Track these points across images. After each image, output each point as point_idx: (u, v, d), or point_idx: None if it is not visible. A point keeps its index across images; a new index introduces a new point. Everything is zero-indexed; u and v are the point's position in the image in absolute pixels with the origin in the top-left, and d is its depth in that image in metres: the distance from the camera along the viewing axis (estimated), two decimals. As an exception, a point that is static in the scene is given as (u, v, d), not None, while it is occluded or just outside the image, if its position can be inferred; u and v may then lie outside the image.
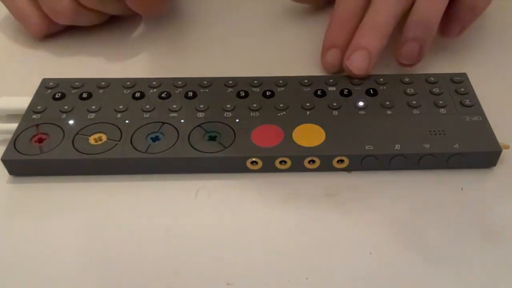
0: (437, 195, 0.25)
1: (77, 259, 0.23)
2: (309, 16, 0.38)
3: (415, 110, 0.27)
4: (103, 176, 0.26)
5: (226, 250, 0.23)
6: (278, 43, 0.35)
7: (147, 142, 0.26)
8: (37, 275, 0.22)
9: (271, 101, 0.28)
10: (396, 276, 0.22)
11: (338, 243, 0.23)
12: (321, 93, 0.29)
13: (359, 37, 0.30)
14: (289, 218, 0.24)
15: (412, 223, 0.24)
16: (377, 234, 0.23)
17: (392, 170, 0.26)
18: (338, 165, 0.26)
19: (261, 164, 0.26)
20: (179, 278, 0.22)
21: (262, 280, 0.22)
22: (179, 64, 0.34)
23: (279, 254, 0.23)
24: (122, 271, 0.22)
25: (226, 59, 0.34)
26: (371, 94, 0.28)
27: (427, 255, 0.22)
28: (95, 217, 0.24)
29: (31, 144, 0.26)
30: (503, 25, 0.36)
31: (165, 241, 0.23)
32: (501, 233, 0.23)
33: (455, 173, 0.26)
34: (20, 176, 0.26)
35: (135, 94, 0.29)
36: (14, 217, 0.24)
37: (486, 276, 0.22)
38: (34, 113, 0.28)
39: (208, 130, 0.26)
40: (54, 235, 0.24)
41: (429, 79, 0.29)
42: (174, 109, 0.28)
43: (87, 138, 0.26)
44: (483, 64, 0.33)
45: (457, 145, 0.25)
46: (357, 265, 0.22)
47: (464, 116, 0.27)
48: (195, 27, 0.37)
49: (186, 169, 0.26)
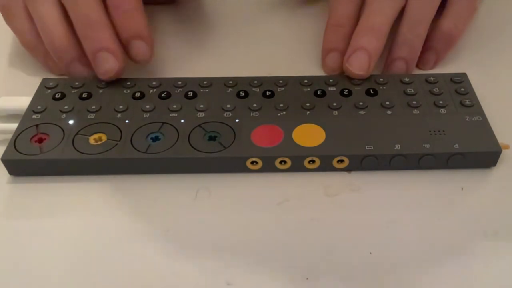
0: (437, 195, 0.25)
1: (76, 259, 0.23)
2: (309, 16, 0.38)
3: (415, 110, 0.27)
4: (103, 176, 0.26)
5: (226, 250, 0.23)
6: (278, 43, 0.35)
7: (147, 142, 0.26)
8: (37, 275, 0.22)
9: (271, 101, 0.28)
10: (396, 276, 0.22)
11: (338, 243, 0.23)
12: (321, 93, 0.29)
13: (358, 38, 0.30)
14: (289, 218, 0.24)
15: (412, 223, 0.24)
16: (377, 234, 0.23)
17: (392, 170, 0.26)
18: (338, 165, 0.26)
19: (261, 164, 0.26)
20: (180, 278, 0.22)
21: (262, 280, 0.22)
22: (179, 64, 0.34)
23: (279, 254, 0.23)
24: (122, 271, 0.22)
25: (226, 59, 0.34)
26: (371, 94, 0.28)
27: (427, 255, 0.22)
28: (95, 217, 0.24)
29: (31, 144, 0.26)
30: (503, 25, 0.36)
31: (165, 241, 0.23)
32: (501, 233, 0.23)
33: (455, 173, 0.26)
34: (20, 176, 0.26)
35: (135, 94, 0.29)
36: (14, 217, 0.24)
37: (487, 275, 0.22)
38: (34, 113, 0.28)
39: (208, 130, 0.26)
40: (54, 235, 0.24)
41: (429, 79, 0.29)
42: (174, 109, 0.28)
43: (87, 138, 0.26)
44: (483, 64, 0.33)
45: (457, 145, 0.25)
46: (357, 265, 0.22)
47: (464, 116, 0.27)
48: (195, 27, 0.37)
49: (186, 169, 0.26)
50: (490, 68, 0.33)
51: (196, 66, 0.33)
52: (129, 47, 0.29)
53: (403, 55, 0.31)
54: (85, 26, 0.29)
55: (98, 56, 0.28)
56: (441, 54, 0.32)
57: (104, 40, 0.28)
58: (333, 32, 0.32)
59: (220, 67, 0.33)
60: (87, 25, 0.28)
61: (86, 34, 0.29)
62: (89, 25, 0.28)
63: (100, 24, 0.28)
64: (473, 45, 0.34)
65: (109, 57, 0.28)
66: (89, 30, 0.28)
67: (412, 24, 0.30)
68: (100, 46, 0.28)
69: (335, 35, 0.31)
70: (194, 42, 0.36)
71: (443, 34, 0.31)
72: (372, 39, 0.29)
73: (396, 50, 0.31)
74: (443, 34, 0.31)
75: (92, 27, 0.28)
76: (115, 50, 0.28)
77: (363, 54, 0.29)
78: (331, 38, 0.32)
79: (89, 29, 0.28)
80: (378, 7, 0.30)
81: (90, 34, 0.28)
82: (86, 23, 0.28)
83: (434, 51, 0.32)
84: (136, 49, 0.29)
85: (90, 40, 0.28)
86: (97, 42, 0.28)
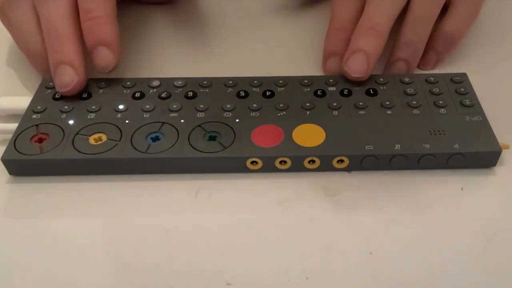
0: (437, 195, 0.25)
1: (76, 259, 0.23)
2: (310, 16, 0.38)
3: (415, 110, 0.27)
4: (103, 176, 0.26)
5: (226, 250, 0.23)
6: (278, 43, 0.35)
7: (147, 142, 0.26)
8: (36, 275, 0.22)
9: (271, 101, 0.28)
10: (396, 276, 0.22)
11: (338, 243, 0.23)
12: (321, 93, 0.29)
13: (356, 39, 0.30)
14: (289, 218, 0.24)
15: (412, 223, 0.24)
16: (377, 234, 0.23)
17: (392, 170, 0.26)
18: (338, 165, 0.26)
19: (261, 164, 0.26)
20: (179, 278, 0.22)
21: (262, 280, 0.22)
22: (179, 64, 0.34)
23: (279, 254, 0.23)
24: (122, 271, 0.22)
25: (226, 59, 0.34)
26: (371, 94, 0.28)
27: (427, 255, 0.22)
28: (95, 217, 0.24)
29: (31, 144, 0.26)
30: (503, 25, 0.36)
31: (165, 241, 0.23)
32: (501, 233, 0.23)
33: (455, 173, 0.26)
34: (20, 176, 0.26)
35: (135, 94, 0.29)
36: (14, 217, 0.24)
37: (487, 275, 0.22)
38: (34, 113, 0.28)
39: (208, 130, 0.26)
40: (54, 235, 0.24)
41: (429, 79, 0.29)
42: (174, 109, 0.28)
43: (87, 138, 0.26)
44: (483, 64, 0.33)
45: (457, 145, 0.25)
46: (357, 265, 0.22)
47: (464, 116, 0.27)
48: (195, 27, 0.37)
49: (186, 169, 0.26)
50: (490, 68, 0.33)
51: (196, 66, 0.33)
52: (93, 53, 0.29)
53: (405, 56, 0.31)
54: (51, 39, 0.28)
55: (58, 69, 0.28)
56: (442, 55, 0.32)
57: (67, 54, 0.28)
58: (334, 36, 0.31)
59: (220, 67, 0.33)
60: (53, 38, 0.28)
61: (51, 46, 0.28)
62: (55, 37, 0.28)
63: (65, 37, 0.28)
64: (473, 45, 0.34)
65: (68, 71, 0.28)
66: (54, 42, 0.28)
67: (414, 25, 0.30)
68: (61, 59, 0.28)
69: (337, 39, 0.31)
70: (194, 42, 0.36)
71: (445, 35, 0.31)
72: (371, 40, 0.29)
73: (397, 51, 0.31)
74: (445, 36, 0.31)
75: (57, 39, 0.28)
76: (76, 65, 0.28)
77: (361, 56, 0.29)
78: (333, 42, 0.31)
79: (54, 41, 0.28)
80: (378, 6, 0.30)
81: (54, 46, 0.28)
82: (53, 35, 0.28)
83: (435, 52, 0.32)
84: (99, 55, 0.29)
85: (53, 52, 0.28)
86: (59, 55, 0.28)
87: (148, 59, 0.34)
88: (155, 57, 0.34)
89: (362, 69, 0.29)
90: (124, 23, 0.37)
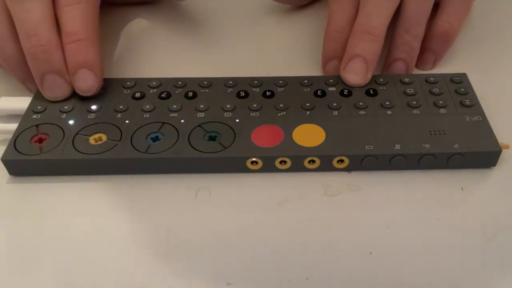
0: (437, 195, 0.25)
1: (76, 259, 0.23)
2: (310, 17, 0.38)
3: (415, 110, 0.27)
4: (103, 176, 0.26)
5: (226, 250, 0.23)
6: (278, 43, 0.35)
7: (147, 142, 0.26)
8: (36, 275, 0.22)
9: (271, 101, 0.28)
10: (396, 276, 0.22)
11: (338, 243, 0.23)
12: (321, 93, 0.29)
13: (353, 44, 0.29)
14: (289, 218, 0.24)
15: (412, 223, 0.24)
16: (377, 234, 0.23)
17: (392, 170, 0.26)
18: (338, 165, 0.26)
19: (261, 164, 0.26)
20: (179, 278, 0.22)
21: (262, 280, 0.22)
22: (179, 64, 0.34)
23: (279, 254, 0.23)
24: (122, 271, 0.22)
25: (226, 59, 0.34)
26: (371, 94, 0.28)
27: (427, 255, 0.22)
28: (95, 217, 0.24)
29: (31, 144, 0.26)
30: (503, 25, 0.36)
31: (165, 241, 0.23)
32: (501, 232, 0.23)
33: (455, 173, 0.26)
34: (20, 176, 0.26)
35: (135, 94, 0.29)
36: (14, 217, 0.24)
37: (487, 275, 0.22)
38: (34, 113, 0.28)
39: (208, 130, 0.26)
40: (54, 235, 0.24)
41: (429, 79, 0.29)
42: (174, 109, 0.28)
43: (87, 138, 0.26)
44: (483, 64, 0.33)
45: (457, 145, 0.25)
46: (357, 265, 0.22)
47: (464, 116, 0.27)
48: (195, 27, 0.37)
49: (186, 169, 0.26)
50: (490, 68, 0.33)
51: (196, 66, 0.33)
52: (75, 76, 0.28)
53: (402, 56, 0.31)
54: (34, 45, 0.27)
55: (45, 80, 0.28)
56: (439, 53, 0.32)
57: (56, 63, 0.28)
58: (332, 39, 0.31)
59: (220, 67, 0.33)
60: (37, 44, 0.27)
61: (35, 54, 0.28)
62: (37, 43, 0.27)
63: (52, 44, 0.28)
64: (473, 45, 0.34)
65: (61, 80, 0.28)
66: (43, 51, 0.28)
67: (409, 25, 0.30)
68: (50, 68, 0.28)
69: (335, 42, 0.31)
70: (194, 42, 0.36)
71: (439, 33, 0.31)
72: (368, 44, 0.29)
73: (394, 52, 0.31)
74: (439, 34, 0.31)
75: (43, 47, 0.27)
76: (64, 72, 0.28)
77: (360, 62, 0.29)
78: (331, 46, 0.31)
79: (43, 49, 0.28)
80: (373, 9, 0.30)
81: (42, 55, 0.28)
82: (35, 40, 0.27)
83: (432, 51, 0.32)
84: (82, 78, 0.28)
85: (42, 61, 0.28)
86: (47, 64, 0.28)
87: (148, 59, 0.34)
88: (155, 57, 0.34)
89: (361, 75, 0.29)
90: (124, 23, 0.37)
